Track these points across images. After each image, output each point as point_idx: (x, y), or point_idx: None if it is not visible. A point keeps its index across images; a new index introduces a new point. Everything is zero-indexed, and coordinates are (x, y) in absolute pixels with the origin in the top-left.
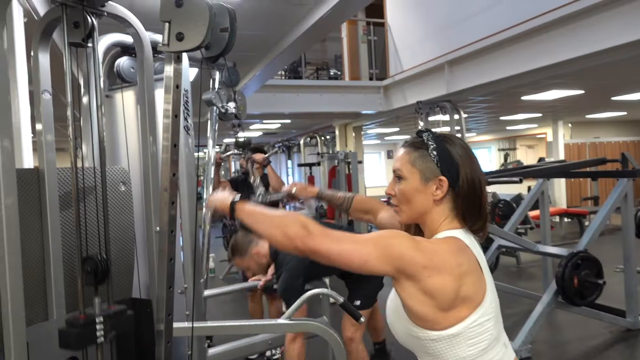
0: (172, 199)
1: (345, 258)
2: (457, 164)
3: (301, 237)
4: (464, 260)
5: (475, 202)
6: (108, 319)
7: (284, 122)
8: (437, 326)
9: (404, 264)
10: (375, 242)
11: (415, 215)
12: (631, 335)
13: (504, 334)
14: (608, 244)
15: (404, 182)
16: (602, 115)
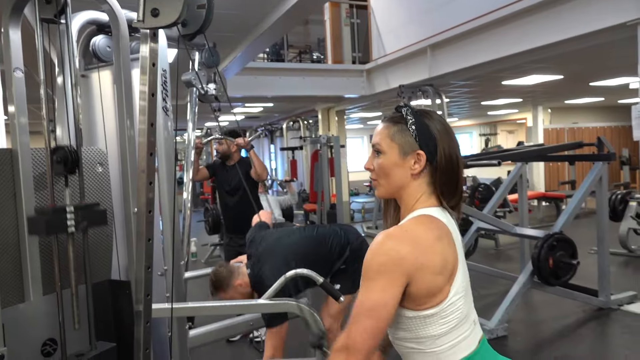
0: (149, 179)
1: (379, 324)
2: (435, 138)
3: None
4: (440, 234)
5: (452, 177)
6: (79, 210)
7: (267, 105)
8: (419, 307)
9: (409, 274)
10: (377, 285)
11: (393, 189)
12: (603, 314)
13: (473, 312)
14: (584, 226)
15: (382, 156)
16: (581, 101)
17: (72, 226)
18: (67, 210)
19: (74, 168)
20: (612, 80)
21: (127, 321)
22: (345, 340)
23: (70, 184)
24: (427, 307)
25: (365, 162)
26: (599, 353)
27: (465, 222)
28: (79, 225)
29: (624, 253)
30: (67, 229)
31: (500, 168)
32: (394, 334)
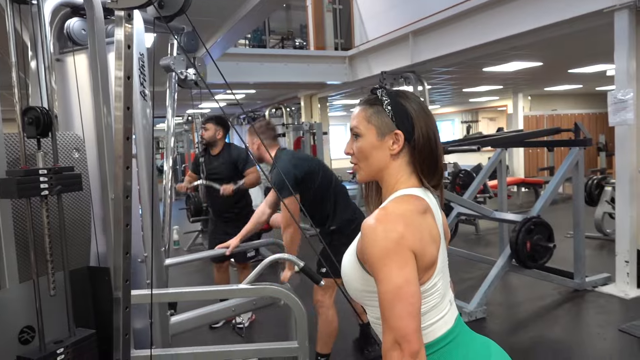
0: (126, 165)
1: (413, 301)
2: (412, 117)
3: (404, 355)
4: (423, 210)
5: (431, 155)
6: (53, 173)
7: (249, 92)
8: None
9: (414, 246)
10: (392, 267)
11: (373, 171)
12: (578, 295)
13: (449, 291)
14: (561, 211)
15: (361, 139)
16: (560, 88)
17: (46, 189)
18: (39, 172)
19: (47, 131)
20: (590, 68)
21: (107, 308)
22: (390, 335)
23: (44, 147)
24: None
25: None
26: (573, 332)
27: (446, 207)
28: (53, 189)
29: (599, 237)
30: (40, 192)
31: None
32: (374, 314)
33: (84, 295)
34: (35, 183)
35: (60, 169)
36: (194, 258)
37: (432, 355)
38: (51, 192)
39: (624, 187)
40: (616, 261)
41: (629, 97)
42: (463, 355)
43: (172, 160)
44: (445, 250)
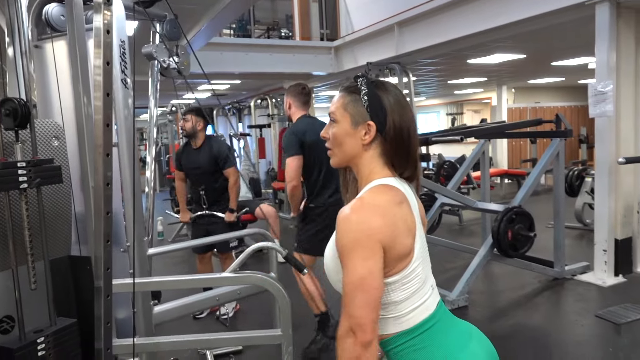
0: (106, 152)
1: (374, 293)
2: (386, 110)
3: (357, 343)
4: (399, 201)
5: (402, 149)
6: (32, 166)
7: (234, 82)
8: (385, 275)
9: (384, 239)
10: (358, 258)
11: (346, 158)
12: (557, 284)
13: (431, 277)
14: (543, 202)
15: (336, 125)
16: (543, 81)
17: (25, 182)
18: (18, 165)
19: (25, 122)
20: (572, 60)
21: (88, 297)
22: (347, 322)
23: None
24: (391, 273)
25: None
26: (552, 319)
27: (430, 197)
28: (32, 182)
29: (579, 227)
30: (19, 185)
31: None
32: None
33: (65, 284)
34: (14, 176)
35: (39, 162)
36: (177, 248)
37: (414, 339)
38: (30, 185)
39: (603, 178)
40: (595, 250)
41: (608, 89)
42: (444, 339)
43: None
44: (424, 237)
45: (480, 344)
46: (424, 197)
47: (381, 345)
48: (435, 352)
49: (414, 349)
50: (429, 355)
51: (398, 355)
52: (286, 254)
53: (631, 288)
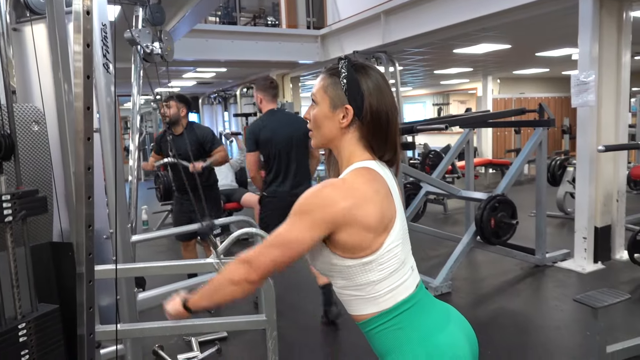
0: (87, 135)
1: (289, 256)
2: (364, 94)
3: (245, 274)
4: (379, 186)
5: (381, 133)
6: (16, 199)
7: (219, 70)
8: (357, 254)
9: (337, 222)
10: (301, 223)
11: (324, 140)
12: (539, 270)
13: (411, 258)
14: (526, 192)
15: (316, 107)
16: (528, 72)
17: (9, 215)
18: (2, 198)
19: (9, 154)
20: (556, 51)
21: (71, 284)
22: (252, 257)
23: (6, 169)
24: (362, 255)
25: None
26: (533, 305)
27: (415, 186)
28: (17, 214)
29: (561, 215)
30: (4, 219)
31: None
32: (335, 283)
33: (47, 271)
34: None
35: (24, 193)
36: (160, 235)
37: (392, 320)
38: (15, 218)
39: (584, 167)
40: (575, 238)
41: (590, 79)
42: (423, 320)
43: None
44: (404, 220)
45: (459, 326)
46: (409, 186)
47: (360, 326)
48: (412, 333)
49: (392, 330)
50: (407, 336)
51: (377, 336)
52: None
53: (609, 274)
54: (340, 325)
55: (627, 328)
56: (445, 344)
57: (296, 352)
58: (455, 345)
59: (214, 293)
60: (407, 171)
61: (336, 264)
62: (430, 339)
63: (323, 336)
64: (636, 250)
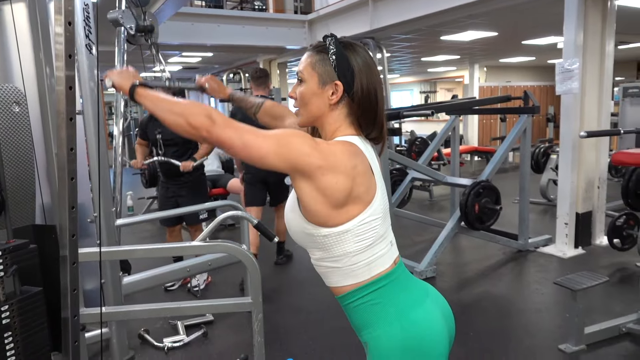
0: (69, 115)
1: (246, 150)
2: (354, 70)
3: (206, 126)
4: (357, 162)
5: (370, 110)
6: (8, 254)
7: (205, 55)
8: (328, 223)
9: (300, 162)
10: (276, 138)
11: (312, 118)
12: (521, 255)
13: (391, 233)
14: (510, 179)
15: (304, 84)
16: (514, 60)
17: (0, 271)
18: None
19: (1, 211)
20: (542, 40)
21: (54, 266)
22: (221, 122)
23: None
24: (340, 221)
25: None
26: (515, 288)
27: (401, 172)
28: (8, 269)
29: (544, 202)
30: None
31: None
32: (312, 255)
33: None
34: None
35: (15, 247)
36: (145, 219)
37: (369, 294)
38: (6, 273)
39: (567, 154)
40: (557, 224)
41: (575, 67)
42: (400, 296)
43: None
44: (386, 196)
45: (436, 303)
46: (395, 172)
47: (339, 300)
48: (389, 309)
49: (369, 304)
50: (383, 311)
51: (354, 310)
52: (257, 222)
53: (589, 259)
54: (325, 309)
55: (605, 310)
56: (421, 320)
57: (281, 334)
58: (431, 321)
59: (165, 108)
60: (393, 157)
61: (312, 234)
62: (406, 315)
63: (308, 319)
64: (615, 235)
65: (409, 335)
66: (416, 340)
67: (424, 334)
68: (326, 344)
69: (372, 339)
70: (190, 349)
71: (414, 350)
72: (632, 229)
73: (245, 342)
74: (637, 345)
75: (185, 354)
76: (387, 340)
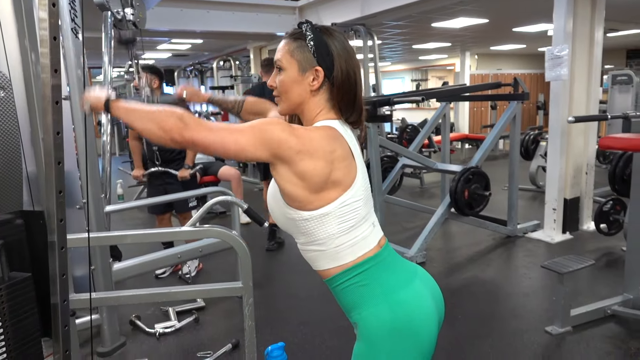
0: (55, 99)
1: (223, 147)
2: (333, 54)
3: (178, 129)
4: (336, 147)
5: (350, 93)
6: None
7: (195, 42)
8: (308, 206)
9: (279, 149)
10: (251, 129)
11: (293, 105)
12: (510, 241)
13: (373, 215)
14: (500, 166)
15: (283, 72)
16: (505, 48)
17: None
18: None
19: None
20: (532, 27)
21: (43, 252)
22: (193, 123)
23: None
24: (322, 203)
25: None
26: (503, 273)
27: (392, 160)
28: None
29: (533, 189)
30: None
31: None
32: (298, 240)
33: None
34: None
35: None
36: (135, 205)
37: (356, 276)
38: None
39: (556, 140)
40: (545, 209)
41: (564, 54)
42: (387, 277)
43: None
44: (367, 177)
45: (425, 283)
46: (386, 159)
47: (327, 283)
48: (376, 289)
49: (357, 286)
50: (371, 292)
51: (342, 292)
52: (247, 207)
53: (576, 244)
54: (315, 295)
55: (591, 293)
56: (408, 300)
57: (272, 320)
58: (420, 301)
59: (138, 118)
60: (384, 144)
61: (294, 218)
62: (394, 295)
63: (298, 305)
64: (602, 220)
65: (397, 316)
66: (405, 321)
67: (412, 314)
68: (317, 328)
69: (361, 319)
70: (181, 335)
71: (402, 330)
72: (618, 214)
73: (236, 328)
74: (622, 326)
75: (176, 340)
76: (376, 321)
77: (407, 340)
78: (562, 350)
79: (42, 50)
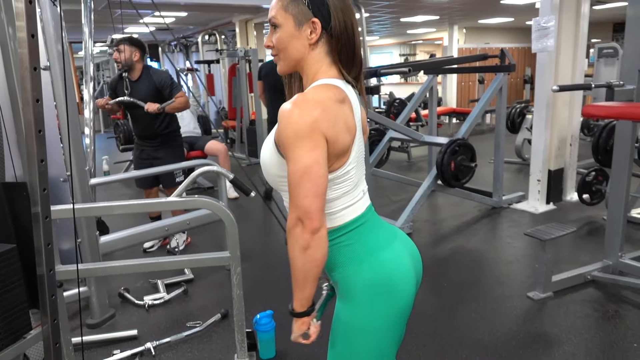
0: (33, 65)
1: (320, 181)
2: (328, 4)
3: (306, 230)
4: (339, 115)
5: (349, 45)
6: None
7: (179, 15)
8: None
9: (329, 134)
10: (302, 148)
11: (293, 62)
12: (495, 212)
13: (364, 182)
14: (487, 140)
15: (279, 29)
16: (493, 21)
17: None
18: None
19: None
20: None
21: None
22: (295, 212)
23: None
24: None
25: None
26: (488, 242)
27: (379, 133)
28: None
29: (518, 161)
30: None
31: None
32: (285, 197)
33: (2, 212)
34: None
35: None
36: (120, 178)
37: (341, 237)
38: None
39: (541, 112)
40: (530, 180)
41: (551, 25)
42: (369, 238)
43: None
44: (362, 143)
45: (404, 245)
46: (373, 132)
47: None
48: (359, 249)
49: (341, 246)
50: (354, 252)
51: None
52: (233, 177)
53: (559, 214)
54: None
55: (572, 260)
56: (388, 259)
57: (260, 290)
58: (399, 261)
59: (303, 277)
60: (372, 117)
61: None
62: (375, 255)
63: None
64: (585, 191)
65: (376, 275)
66: (384, 279)
67: (391, 273)
68: None
69: (342, 278)
70: (170, 306)
71: (381, 287)
72: (600, 185)
73: (225, 299)
74: (600, 291)
75: (165, 311)
76: (356, 279)
77: (386, 298)
78: (543, 314)
79: (18, 12)
